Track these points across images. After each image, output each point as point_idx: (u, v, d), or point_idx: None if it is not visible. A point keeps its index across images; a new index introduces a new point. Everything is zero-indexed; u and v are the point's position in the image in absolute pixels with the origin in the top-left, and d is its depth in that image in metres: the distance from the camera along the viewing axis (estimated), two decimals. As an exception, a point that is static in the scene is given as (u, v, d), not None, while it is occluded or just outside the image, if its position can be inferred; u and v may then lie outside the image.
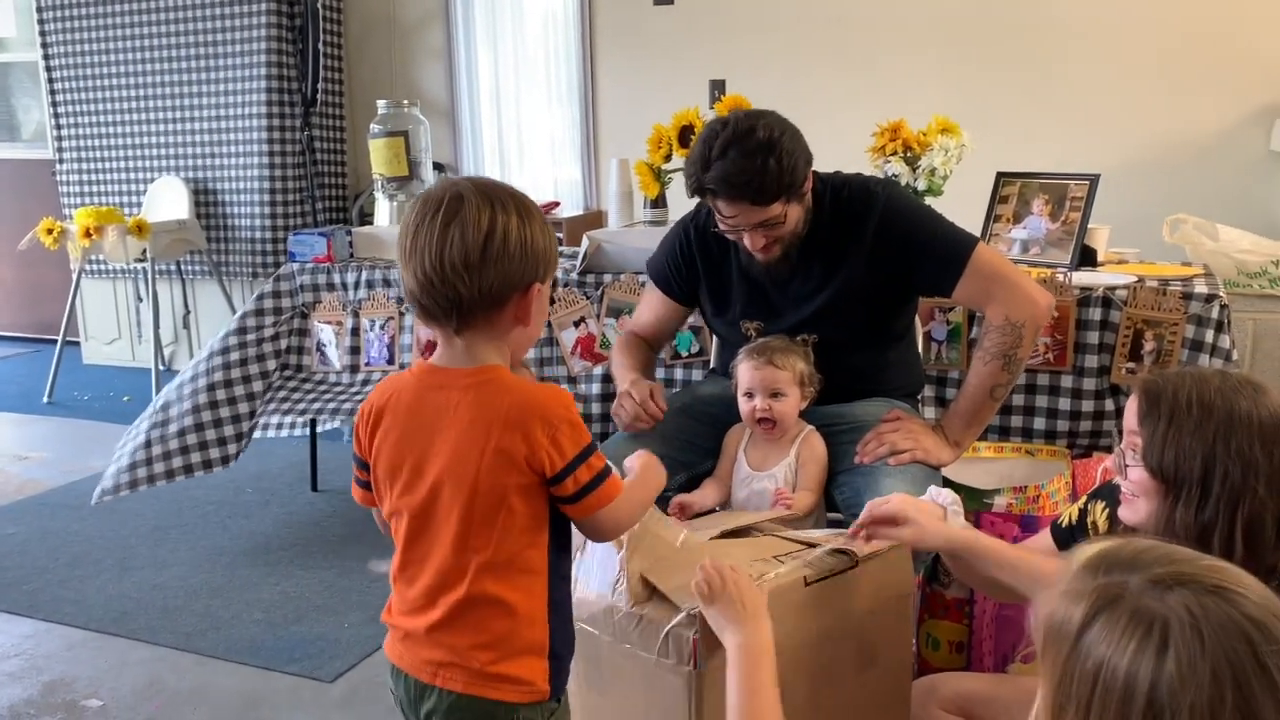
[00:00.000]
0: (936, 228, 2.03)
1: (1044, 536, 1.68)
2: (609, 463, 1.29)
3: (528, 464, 1.22)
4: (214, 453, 3.01)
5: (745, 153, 1.87)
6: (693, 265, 2.19)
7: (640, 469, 1.40)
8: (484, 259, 1.20)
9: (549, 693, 1.29)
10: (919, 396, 2.31)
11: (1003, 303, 1.98)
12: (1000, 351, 1.97)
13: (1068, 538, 1.62)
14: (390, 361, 3.02)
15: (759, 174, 1.87)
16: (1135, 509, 1.42)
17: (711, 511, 1.99)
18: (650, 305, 2.33)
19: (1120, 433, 1.50)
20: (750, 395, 1.99)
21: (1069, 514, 1.64)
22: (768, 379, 1.96)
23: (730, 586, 1.34)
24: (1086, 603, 0.82)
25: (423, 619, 1.29)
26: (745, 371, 1.99)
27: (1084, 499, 1.63)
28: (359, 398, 2.93)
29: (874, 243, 2.01)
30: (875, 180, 2.13)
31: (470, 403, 1.24)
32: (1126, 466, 1.41)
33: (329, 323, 3.09)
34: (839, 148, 2.47)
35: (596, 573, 1.53)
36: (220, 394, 3.00)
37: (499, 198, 1.24)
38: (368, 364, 3.05)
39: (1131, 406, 1.41)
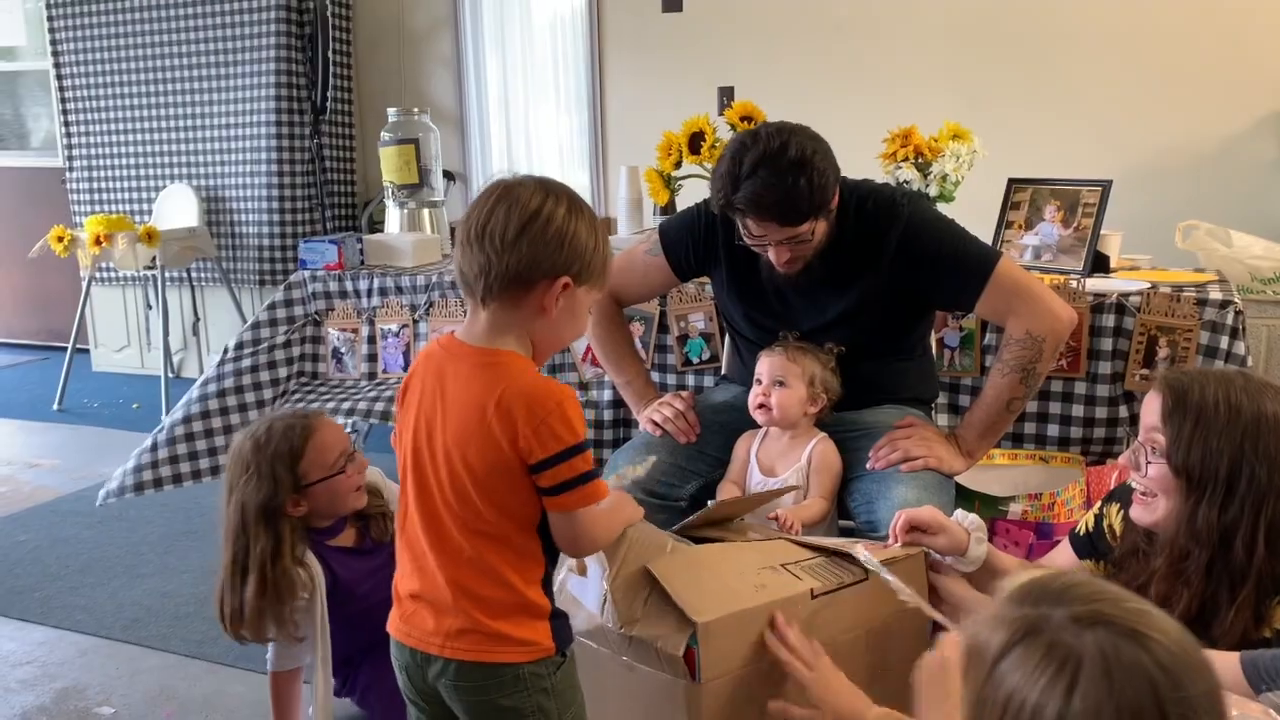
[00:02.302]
0: (959, 245, 2.00)
1: (1064, 547, 1.67)
2: (598, 469, 1.31)
3: (513, 449, 1.25)
4: (222, 459, 3.00)
5: (776, 172, 1.81)
6: (713, 244, 2.13)
7: (615, 500, 1.41)
8: (520, 235, 1.26)
9: (554, 648, 1.34)
10: (933, 404, 2.31)
11: (1024, 317, 1.95)
12: (1020, 365, 1.96)
13: (1087, 545, 1.61)
14: (406, 368, 3.02)
15: (790, 194, 1.82)
16: (1152, 508, 1.41)
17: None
18: (643, 270, 2.22)
19: (1134, 431, 1.49)
20: (759, 382, 2.01)
21: (1085, 522, 1.63)
22: (775, 366, 1.98)
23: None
24: (1007, 631, 0.83)
25: (424, 588, 1.33)
26: (761, 360, 2.03)
27: (1099, 505, 1.62)
28: (374, 397, 2.93)
29: (896, 256, 1.98)
30: (900, 192, 2.10)
31: (478, 380, 1.28)
32: (1147, 464, 1.40)
33: (344, 330, 3.09)
34: (849, 154, 2.45)
35: (591, 591, 1.53)
36: (231, 400, 3.00)
37: (554, 190, 1.31)
38: (385, 371, 3.06)
39: (1153, 404, 1.40)
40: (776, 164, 1.82)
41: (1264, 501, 1.30)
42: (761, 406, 1.99)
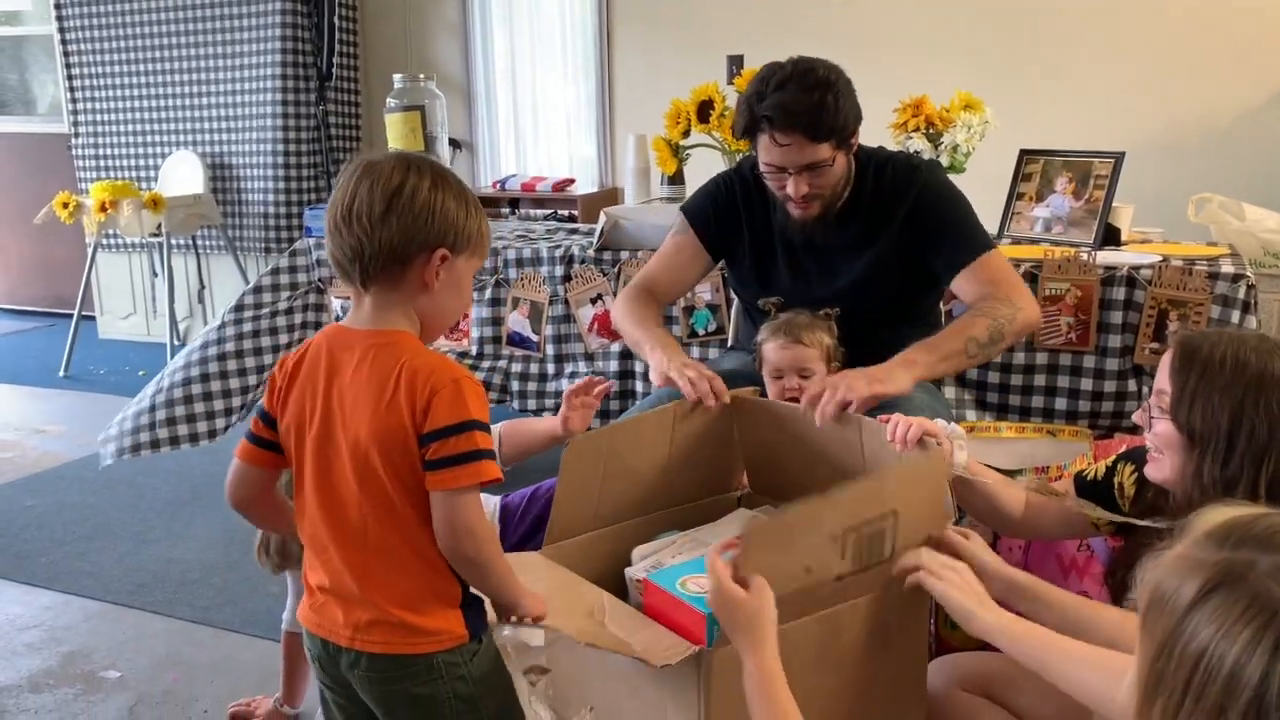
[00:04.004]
0: (964, 216, 2.02)
1: (1065, 485, 1.67)
2: (493, 452, 1.25)
3: (411, 421, 1.22)
4: (219, 422, 3.00)
5: (805, 87, 1.87)
6: (735, 210, 2.13)
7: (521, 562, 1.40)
8: (387, 212, 1.24)
9: (467, 635, 1.30)
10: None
11: (1000, 300, 1.94)
12: (993, 315, 1.90)
13: (1090, 490, 1.61)
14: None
15: (817, 107, 1.87)
16: (1160, 466, 1.42)
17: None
18: (673, 254, 2.21)
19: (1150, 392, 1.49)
20: (779, 375, 1.96)
21: (1096, 469, 1.63)
22: (796, 358, 1.93)
23: (727, 601, 1.25)
24: (1203, 576, 0.74)
25: (331, 581, 1.29)
26: (772, 351, 1.95)
27: (1114, 458, 1.62)
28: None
29: (907, 218, 2.00)
30: (920, 159, 2.12)
31: (376, 361, 1.25)
32: (1152, 419, 1.40)
33: (346, 298, 3.08)
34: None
35: None
36: (231, 364, 2.99)
37: (416, 164, 1.27)
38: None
39: (1165, 361, 1.40)
40: (804, 80, 1.88)
41: (1264, 457, 1.31)
42: (793, 400, 1.96)
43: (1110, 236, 2.59)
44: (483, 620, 1.33)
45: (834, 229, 2.02)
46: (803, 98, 1.86)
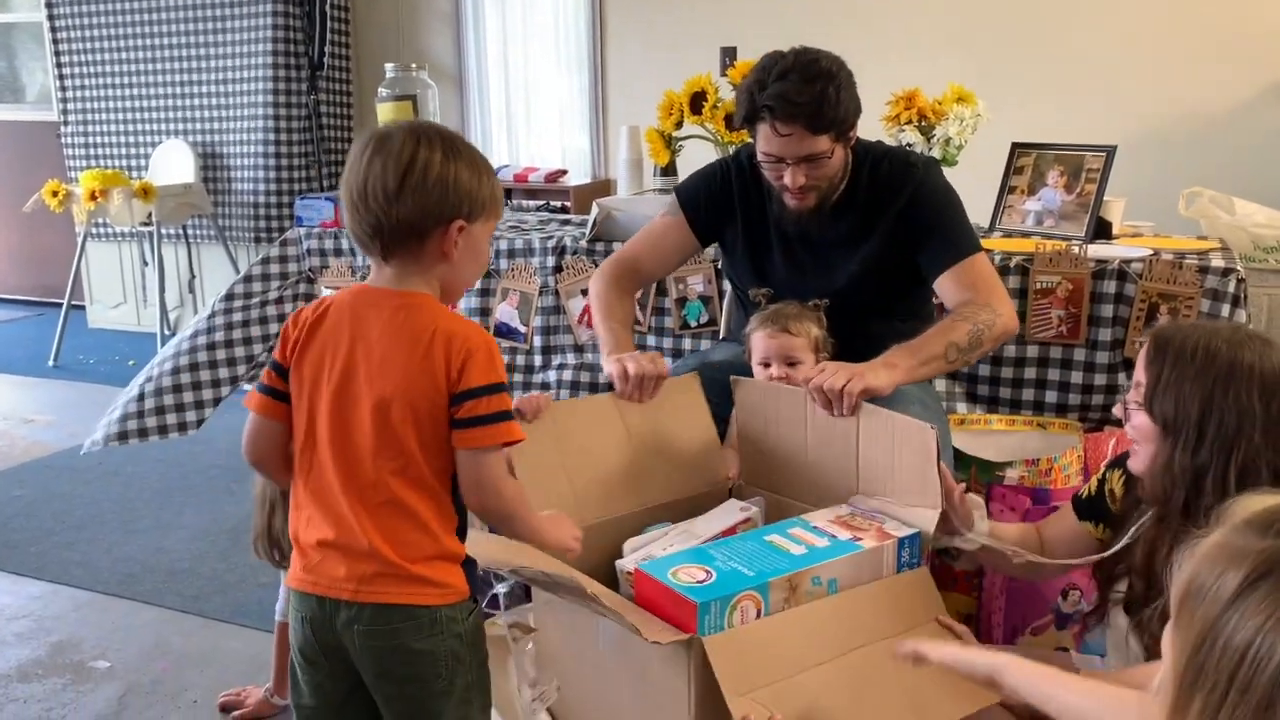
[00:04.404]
0: (955, 218, 2.02)
1: (1066, 511, 1.68)
2: (512, 415, 1.31)
3: (445, 380, 1.27)
4: (208, 411, 2.99)
5: (807, 78, 1.86)
6: (729, 198, 2.12)
7: (556, 515, 1.45)
8: (402, 189, 1.27)
9: (468, 592, 1.34)
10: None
11: (981, 305, 1.93)
12: (973, 320, 1.89)
13: (1088, 509, 1.63)
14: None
15: (819, 98, 1.86)
16: (1139, 457, 1.44)
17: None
18: (659, 234, 2.19)
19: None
20: (766, 364, 1.97)
21: (1089, 486, 1.65)
22: (784, 346, 1.94)
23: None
24: (1248, 565, 0.71)
25: (338, 535, 1.30)
26: (760, 340, 1.96)
27: (1102, 469, 1.63)
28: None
29: (900, 216, 1.99)
30: (918, 156, 2.10)
31: (400, 321, 1.30)
32: (1128, 411, 1.42)
33: (336, 288, 3.07)
34: (853, 116, 2.44)
35: None
36: (220, 354, 2.98)
37: (427, 135, 1.30)
38: (374, 330, 3.03)
39: (1142, 354, 1.42)
40: (807, 71, 1.87)
41: (1234, 447, 1.33)
42: None
43: (1101, 230, 2.60)
44: (478, 583, 1.37)
45: (829, 222, 2.02)
46: (805, 88, 1.86)
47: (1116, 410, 1.50)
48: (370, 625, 1.30)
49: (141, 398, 2.93)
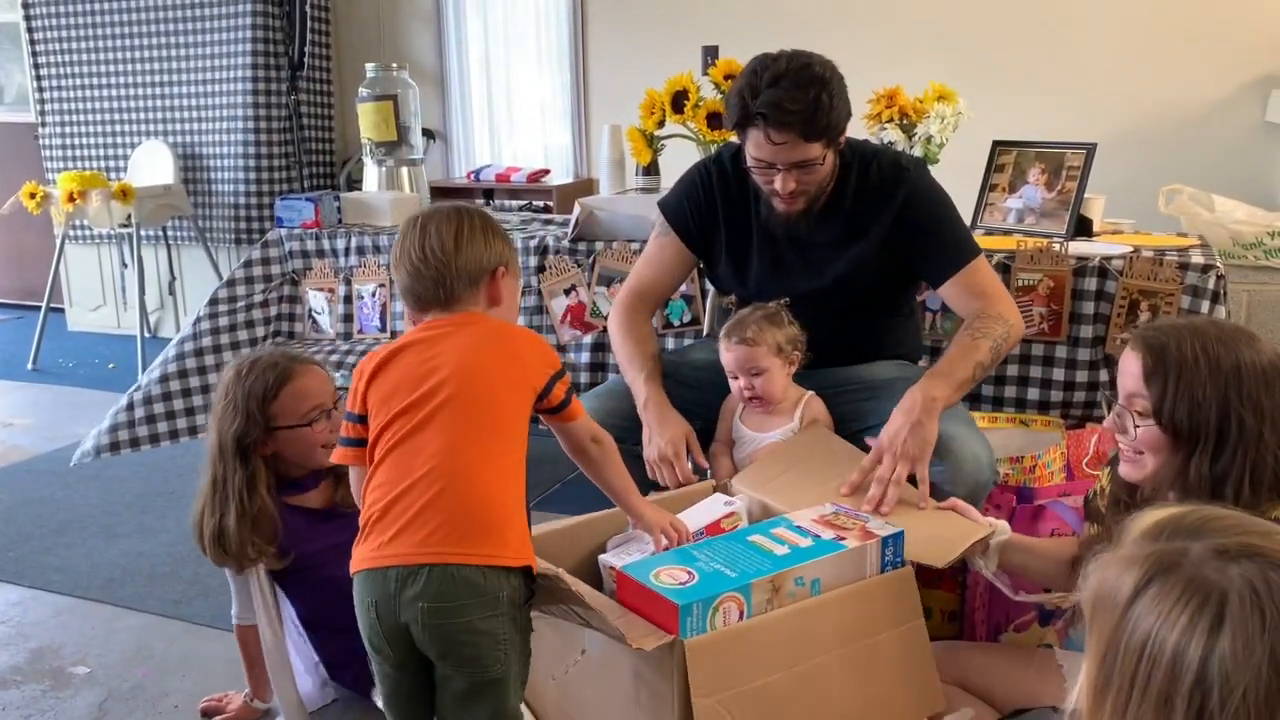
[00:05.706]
0: (951, 221, 2.02)
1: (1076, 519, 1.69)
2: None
3: (523, 376, 1.48)
4: (199, 419, 2.98)
5: (800, 84, 1.85)
6: (712, 205, 2.12)
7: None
8: (457, 244, 1.53)
9: (533, 565, 1.42)
10: (919, 363, 2.30)
11: (991, 313, 1.95)
12: (992, 337, 1.91)
13: (1097, 510, 1.63)
14: (383, 329, 2.99)
15: (813, 105, 1.85)
16: (1140, 465, 1.42)
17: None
18: (657, 255, 2.21)
19: (1112, 395, 1.49)
20: (735, 376, 1.98)
21: (1098, 487, 1.65)
22: (743, 359, 1.95)
23: None
24: (1139, 570, 0.75)
25: (410, 512, 1.38)
26: (723, 354, 1.99)
27: (1105, 469, 1.64)
28: (352, 357, 2.90)
29: (896, 219, 1.99)
30: (906, 157, 2.10)
31: (473, 331, 1.51)
32: (1135, 427, 1.40)
33: (321, 290, 3.06)
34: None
35: None
36: (209, 359, 2.97)
37: (460, 209, 1.58)
38: (360, 331, 3.03)
39: (1132, 365, 1.40)
40: (800, 77, 1.86)
41: (1250, 446, 1.32)
42: (753, 399, 1.97)
43: (1082, 227, 2.61)
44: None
45: (817, 223, 2.01)
46: (799, 95, 1.84)
47: (1108, 424, 1.46)
48: (438, 598, 1.37)
49: (131, 407, 2.93)
